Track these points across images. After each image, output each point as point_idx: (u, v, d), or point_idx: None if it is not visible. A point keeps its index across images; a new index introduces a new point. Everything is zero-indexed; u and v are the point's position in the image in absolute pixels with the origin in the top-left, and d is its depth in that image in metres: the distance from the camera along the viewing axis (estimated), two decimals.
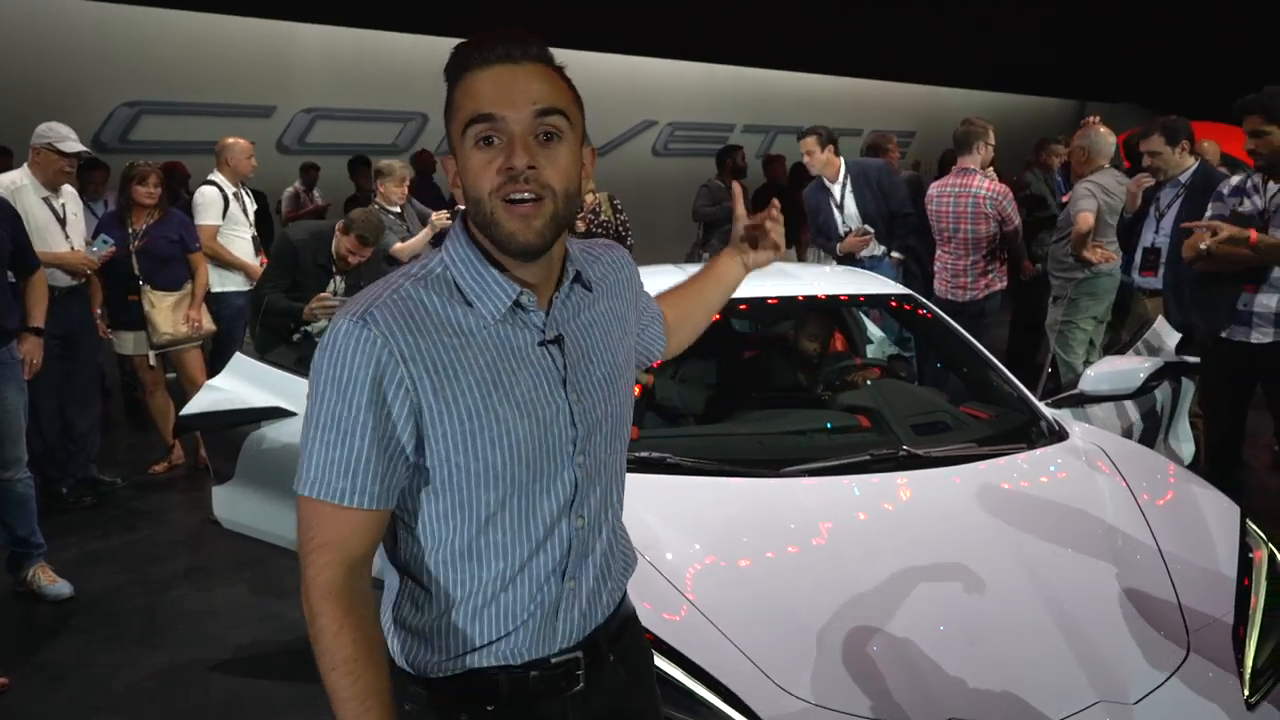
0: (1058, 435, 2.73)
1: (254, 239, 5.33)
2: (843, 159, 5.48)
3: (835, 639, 1.89)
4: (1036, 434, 2.74)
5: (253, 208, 5.41)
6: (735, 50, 13.44)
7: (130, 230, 4.69)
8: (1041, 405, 2.92)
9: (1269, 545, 2.24)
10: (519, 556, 1.20)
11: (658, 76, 12.87)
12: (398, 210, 5.40)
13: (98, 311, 4.83)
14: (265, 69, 10.08)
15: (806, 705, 1.76)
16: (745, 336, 4.03)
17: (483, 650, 1.22)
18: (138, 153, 7.23)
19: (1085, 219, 4.73)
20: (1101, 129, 5.13)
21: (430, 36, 10.75)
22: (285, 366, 3.23)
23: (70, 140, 4.31)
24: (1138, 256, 4.49)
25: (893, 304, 3.52)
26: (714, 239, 7.51)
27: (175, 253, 4.76)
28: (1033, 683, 1.80)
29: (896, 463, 2.51)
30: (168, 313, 4.75)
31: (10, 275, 3.61)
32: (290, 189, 8.71)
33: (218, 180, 5.23)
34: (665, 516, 2.22)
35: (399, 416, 1.13)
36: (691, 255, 7.80)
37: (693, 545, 2.17)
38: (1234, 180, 3.54)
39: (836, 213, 5.45)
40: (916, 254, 5.65)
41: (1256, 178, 3.41)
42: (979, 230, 5.02)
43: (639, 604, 1.44)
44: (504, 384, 1.16)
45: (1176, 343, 3.65)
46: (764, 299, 3.50)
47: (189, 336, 4.84)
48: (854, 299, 3.72)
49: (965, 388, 3.27)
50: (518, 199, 1.11)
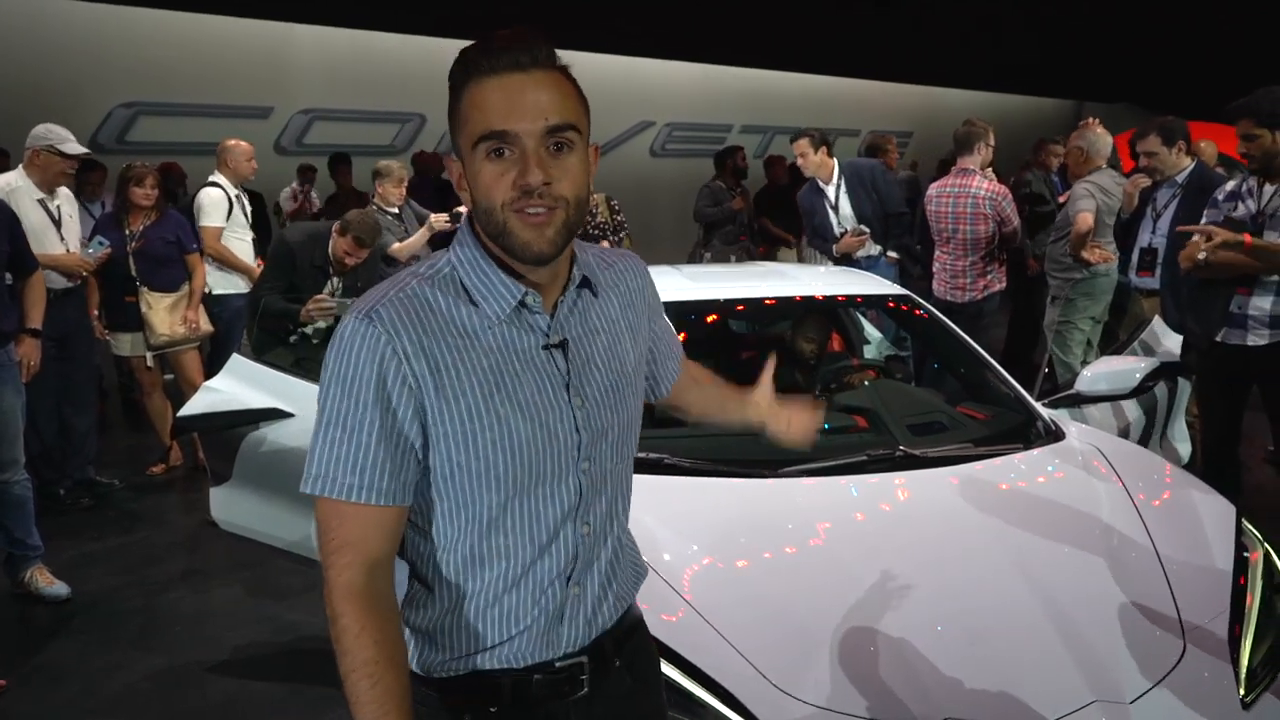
0: (1054, 435, 2.73)
1: (254, 241, 5.34)
2: (836, 160, 5.49)
3: (832, 639, 1.90)
4: (1033, 434, 2.75)
5: (249, 209, 5.42)
6: (733, 51, 13.44)
7: (127, 231, 4.69)
8: (1038, 405, 2.92)
9: (1264, 545, 2.25)
10: (522, 560, 1.20)
11: (655, 77, 12.86)
12: (396, 211, 5.40)
13: (95, 313, 4.83)
14: (263, 70, 10.07)
15: (803, 705, 1.76)
16: (743, 337, 4.03)
17: (486, 653, 1.22)
18: (135, 154, 7.22)
19: (1085, 219, 4.73)
20: (1099, 129, 5.13)
21: (428, 37, 10.74)
22: (283, 368, 3.24)
23: (71, 142, 4.31)
24: (1134, 257, 4.50)
25: (890, 304, 3.52)
26: (715, 239, 7.50)
27: (172, 254, 4.76)
28: (1029, 682, 1.80)
29: (893, 463, 2.52)
30: (165, 314, 4.75)
31: (8, 277, 3.61)
32: (287, 190, 8.71)
33: (220, 182, 5.22)
34: (663, 517, 2.22)
35: (404, 413, 1.13)
36: (693, 255, 7.76)
37: (690, 546, 2.17)
38: (1229, 185, 3.54)
39: (831, 214, 5.46)
40: (912, 253, 5.66)
41: (1251, 181, 3.40)
42: (978, 231, 5.03)
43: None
44: (507, 385, 1.16)
45: (1177, 346, 3.65)
46: (761, 299, 3.50)
47: (186, 338, 4.84)
48: (851, 299, 3.72)
49: (962, 388, 3.27)
50: (532, 211, 1.11)
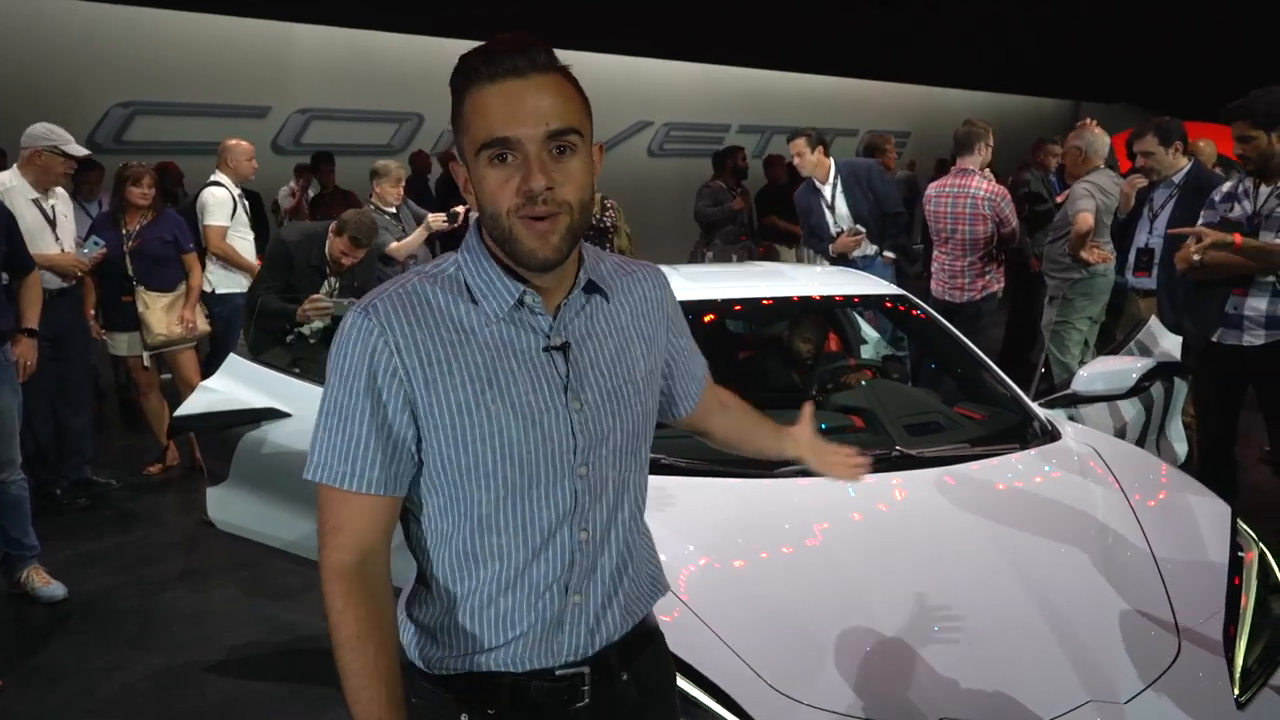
0: (1050, 436, 2.74)
1: (255, 240, 5.36)
2: (832, 160, 5.49)
3: (828, 639, 1.90)
4: (1029, 434, 2.75)
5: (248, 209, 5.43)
6: (731, 50, 13.45)
7: (124, 231, 4.68)
8: (1034, 405, 2.93)
9: (1259, 545, 2.25)
10: (516, 562, 1.20)
11: (653, 77, 12.86)
12: (393, 211, 5.39)
13: (91, 313, 4.82)
14: (260, 69, 10.06)
15: (800, 706, 1.76)
16: (740, 337, 4.03)
17: (484, 654, 1.23)
18: (132, 153, 7.21)
19: (1085, 219, 4.74)
20: (1096, 129, 5.14)
21: (426, 37, 10.74)
22: (280, 368, 3.23)
23: (73, 143, 4.33)
24: (1131, 257, 4.51)
25: (887, 304, 3.52)
26: (716, 239, 7.51)
27: (169, 254, 4.76)
28: (1024, 682, 1.80)
29: (890, 463, 2.52)
30: (162, 314, 4.75)
31: (4, 277, 3.61)
32: (285, 189, 8.70)
33: (223, 181, 5.25)
34: (659, 517, 2.19)
35: (394, 405, 1.16)
36: (694, 255, 7.73)
37: (687, 546, 2.17)
38: (1225, 187, 3.54)
39: (828, 213, 5.46)
40: (909, 253, 5.67)
41: (1248, 182, 3.41)
42: (976, 231, 5.03)
43: None
44: (499, 383, 1.17)
45: (1173, 346, 3.66)
46: (758, 299, 3.51)
47: (183, 337, 4.84)
48: (848, 299, 3.72)
49: (959, 388, 3.27)
50: (536, 216, 1.12)
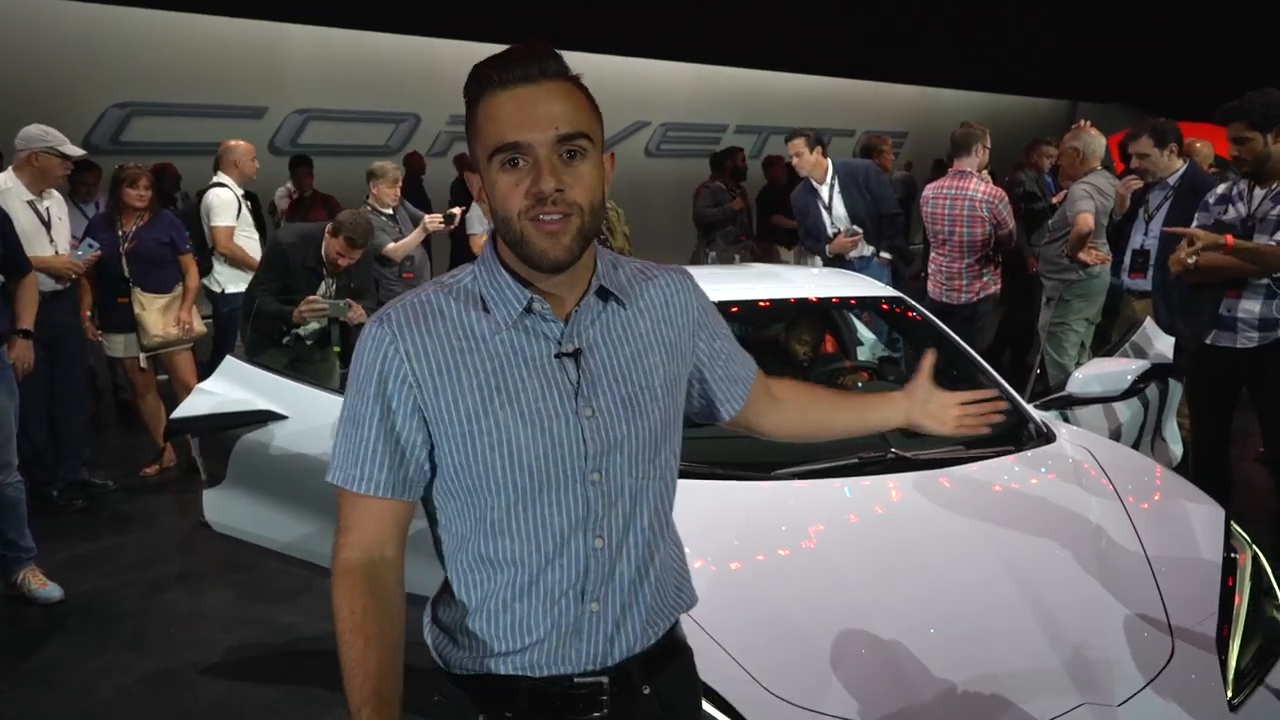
0: (1045, 438, 2.74)
1: (260, 240, 5.39)
2: (830, 160, 5.50)
3: (824, 642, 1.90)
4: (1024, 437, 2.75)
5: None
6: (728, 51, 13.47)
7: (120, 232, 4.68)
8: (1030, 407, 2.93)
9: (1252, 547, 2.26)
10: (530, 567, 1.21)
11: (650, 77, 12.87)
12: (390, 212, 5.39)
13: (87, 314, 4.82)
14: (257, 70, 10.06)
15: (795, 709, 1.77)
16: (737, 339, 4.03)
17: (501, 658, 1.23)
18: (129, 154, 7.20)
19: (1085, 220, 4.74)
20: (1093, 131, 5.15)
21: (423, 37, 10.74)
22: (276, 370, 3.23)
23: (68, 144, 4.34)
24: (1127, 258, 4.51)
25: (883, 306, 3.53)
26: (717, 239, 7.51)
27: (165, 255, 4.76)
28: (1018, 685, 1.81)
29: (885, 465, 2.52)
30: (158, 315, 4.74)
31: (0, 278, 3.60)
32: (282, 189, 8.70)
33: (227, 182, 5.29)
34: None
35: (404, 412, 1.19)
36: (696, 256, 7.72)
37: (683, 549, 2.17)
38: (1220, 189, 3.55)
39: (825, 214, 5.47)
40: (905, 255, 5.68)
41: (1242, 184, 3.42)
42: (974, 233, 5.04)
43: None
44: (508, 390, 1.18)
45: (1168, 347, 3.66)
46: (755, 302, 3.51)
47: (180, 339, 4.84)
48: (844, 301, 3.73)
49: (954, 390, 3.27)
50: (546, 218, 1.13)
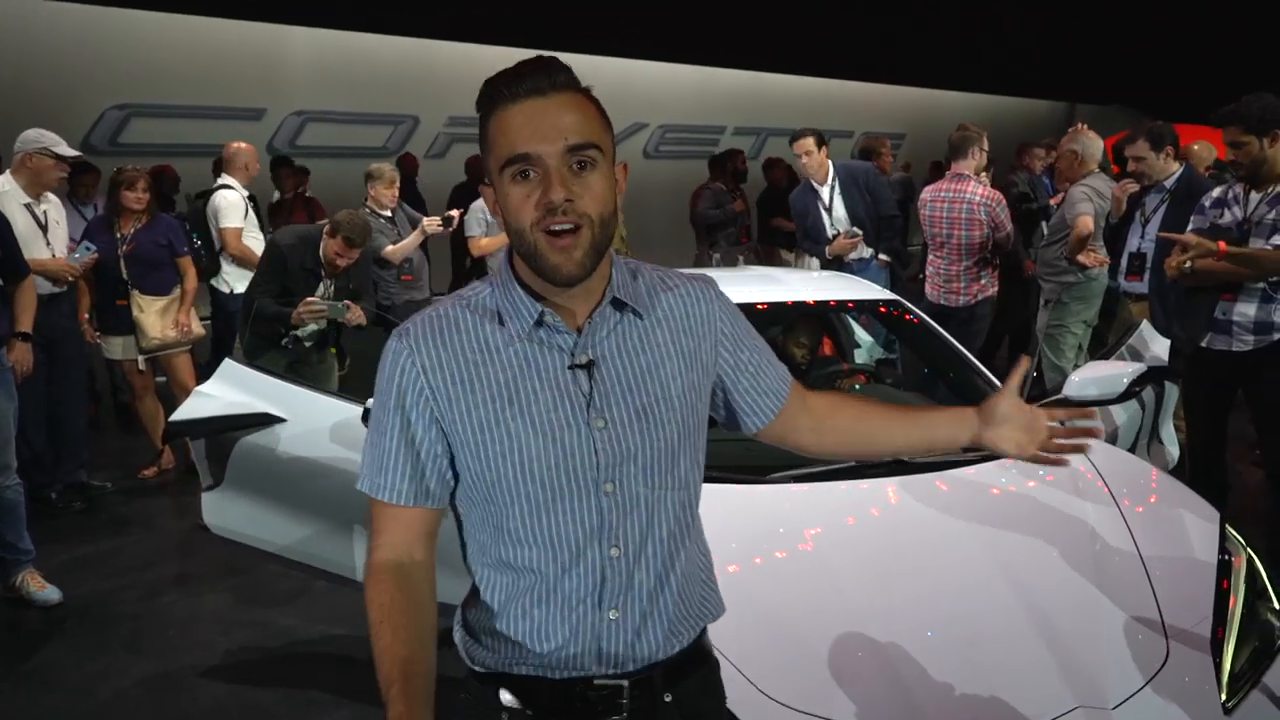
0: None
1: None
2: (831, 161, 5.51)
3: (821, 645, 1.91)
4: None
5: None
6: (726, 52, 13.48)
7: (118, 235, 4.68)
8: None
9: (1247, 550, 2.27)
10: (548, 575, 1.23)
11: (648, 78, 12.87)
12: (389, 214, 5.39)
13: (85, 316, 4.82)
14: (255, 71, 10.06)
15: (791, 712, 1.77)
16: None
17: (521, 660, 1.26)
18: (127, 156, 7.21)
19: (1085, 222, 4.75)
20: (1090, 134, 5.16)
21: (421, 39, 10.75)
22: (275, 373, 3.24)
23: (64, 145, 4.34)
24: (1123, 261, 4.52)
25: (881, 309, 3.54)
26: (719, 239, 7.52)
27: (164, 257, 4.76)
28: (1013, 688, 1.81)
29: (882, 468, 2.53)
30: (156, 317, 4.75)
31: None
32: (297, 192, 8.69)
33: (233, 184, 5.33)
34: None
35: (422, 423, 1.23)
36: (701, 259, 7.71)
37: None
38: (1215, 192, 3.55)
39: (825, 215, 5.47)
40: (902, 257, 5.69)
41: (1238, 188, 3.41)
42: (972, 236, 5.05)
43: None
44: (520, 401, 1.20)
45: (1164, 350, 3.67)
46: (753, 304, 3.51)
47: (178, 341, 4.84)
48: (842, 304, 3.73)
49: (951, 392, 3.28)
50: (558, 230, 1.15)
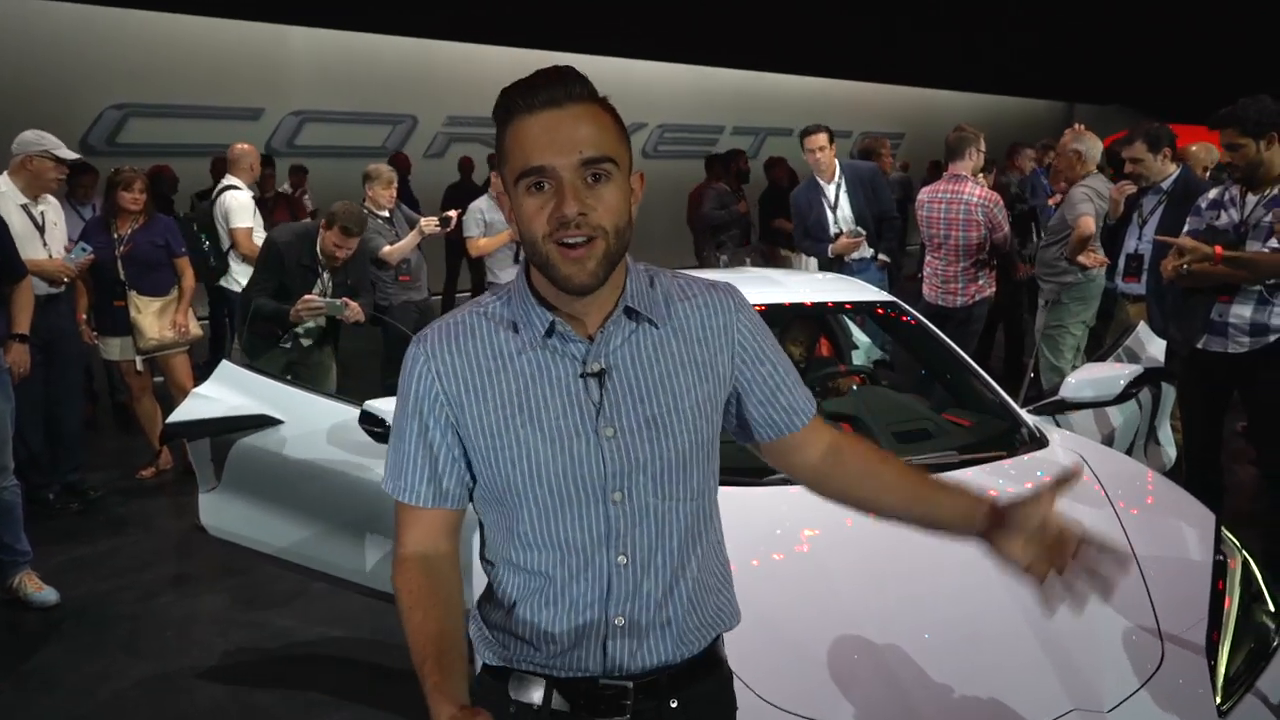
0: (1038, 443, 2.75)
1: None
2: (837, 160, 5.52)
3: (818, 647, 1.91)
4: (1017, 441, 2.77)
5: None
6: (724, 52, 13.48)
7: (115, 236, 4.68)
8: (1023, 412, 2.94)
9: (1243, 553, 2.27)
10: (556, 580, 1.25)
11: (647, 78, 12.88)
12: (386, 215, 5.39)
13: (83, 317, 4.82)
14: (254, 71, 10.06)
15: (787, 715, 1.77)
16: None
17: (528, 657, 1.28)
18: (125, 155, 7.21)
19: (1087, 223, 4.76)
20: (1090, 133, 5.17)
21: (420, 39, 10.74)
22: (272, 375, 3.24)
23: (63, 147, 4.35)
24: (1121, 263, 4.53)
25: (878, 311, 3.54)
26: (725, 240, 7.54)
27: (161, 258, 4.76)
28: (1009, 691, 1.81)
29: None
30: (153, 318, 4.75)
31: None
32: (283, 189, 8.70)
33: (239, 185, 5.38)
34: None
35: (439, 428, 1.25)
36: (706, 259, 7.73)
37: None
38: (1211, 194, 3.54)
39: (829, 213, 5.45)
40: (897, 258, 5.71)
41: (1235, 190, 3.41)
42: (970, 237, 5.05)
43: None
44: (530, 408, 1.21)
45: (1161, 351, 3.67)
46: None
47: (175, 342, 4.84)
48: (839, 306, 3.73)
49: (948, 394, 3.29)
50: (570, 242, 1.15)
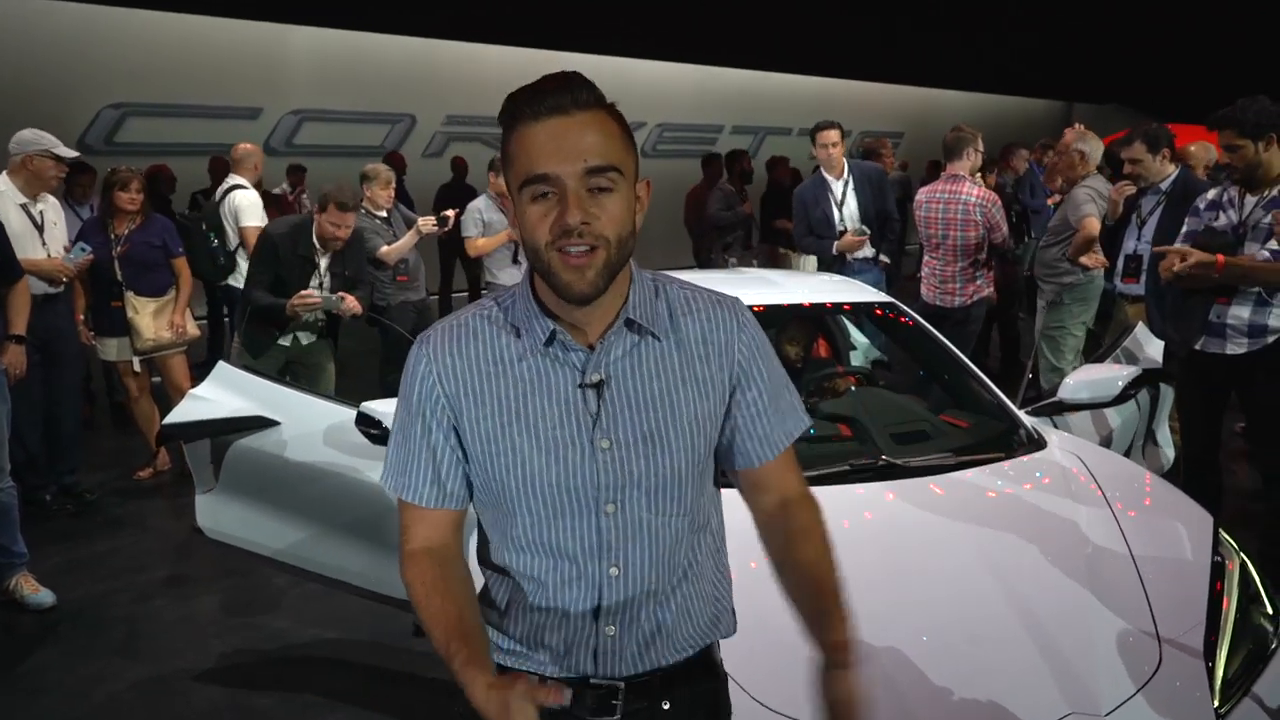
0: (1036, 444, 2.74)
1: None
2: (845, 159, 5.53)
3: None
4: (1015, 443, 2.76)
5: None
6: (724, 51, 13.47)
7: (112, 236, 4.67)
8: (1021, 414, 2.94)
9: (1240, 555, 2.26)
10: (548, 585, 1.25)
11: (646, 77, 12.87)
12: (384, 215, 5.38)
13: (81, 318, 4.81)
14: (252, 70, 10.05)
15: (782, 718, 1.77)
16: None
17: (523, 658, 1.30)
18: (123, 155, 7.20)
19: (1092, 224, 4.76)
20: (1092, 134, 5.17)
21: (418, 38, 10.73)
22: (268, 375, 3.24)
23: (61, 146, 4.35)
24: (1120, 263, 4.52)
25: (877, 312, 3.53)
26: (730, 240, 7.55)
27: (158, 259, 4.75)
28: (1006, 694, 1.81)
29: (876, 473, 2.53)
30: (150, 319, 4.74)
31: None
32: (276, 190, 8.69)
33: (245, 184, 5.42)
34: None
35: (440, 429, 1.25)
36: (713, 260, 7.74)
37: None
38: (1210, 194, 3.54)
39: (835, 210, 5.45)
40: (896, 259, 5.72)
41: (1233, 191, 3.41)
42: (968, 237, 5.05)
43: None
44: (526, 416, 1.21)
45: (1159, 352, 3.67)
46: (748, 307, 3.51)
47: (172, 342, 4.83)
48: (837, 306, 3.73)
49: (945, 395, 3.28)
50: (572, 250, 1.14)
